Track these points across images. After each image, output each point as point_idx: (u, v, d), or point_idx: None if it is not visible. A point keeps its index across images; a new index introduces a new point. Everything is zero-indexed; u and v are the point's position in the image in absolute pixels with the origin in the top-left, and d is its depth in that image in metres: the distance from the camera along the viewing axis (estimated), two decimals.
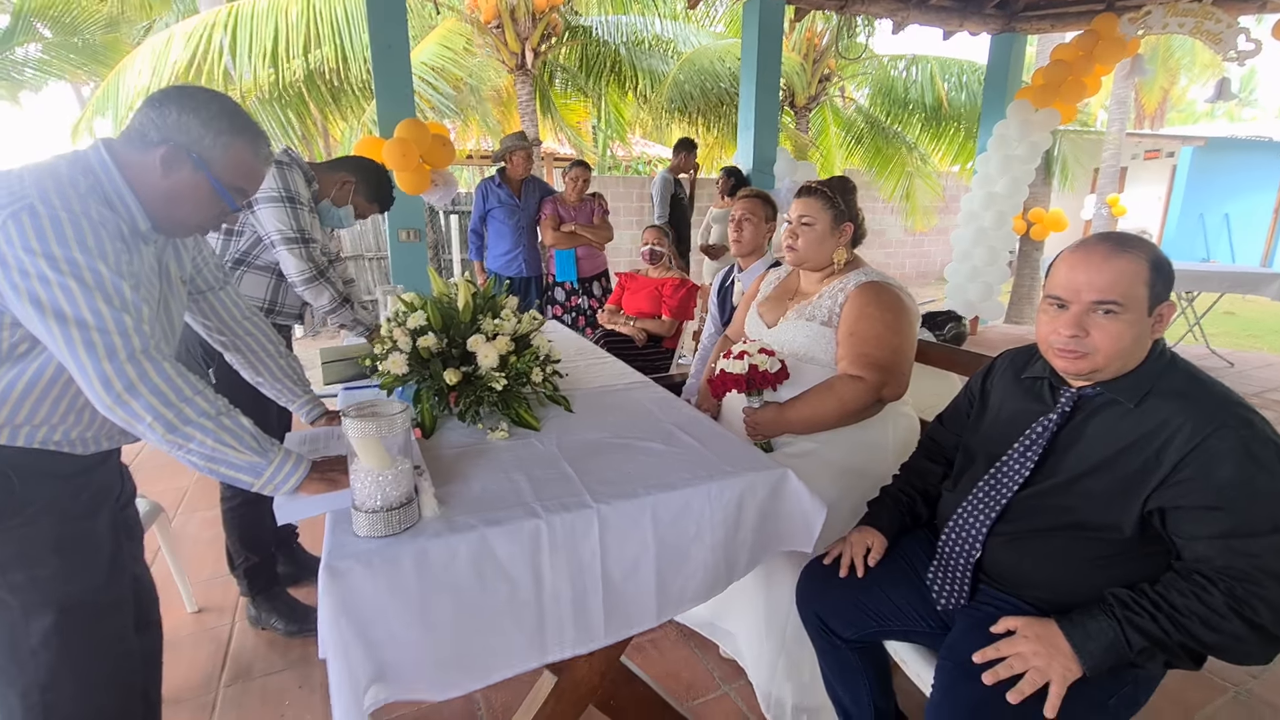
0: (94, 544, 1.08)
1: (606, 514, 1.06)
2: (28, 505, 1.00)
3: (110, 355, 0.89)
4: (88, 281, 0.88)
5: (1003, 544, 1.09)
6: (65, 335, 0.88)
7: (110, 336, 0.89)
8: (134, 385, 0.91)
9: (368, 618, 0.92)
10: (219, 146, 1.02)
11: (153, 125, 0.99)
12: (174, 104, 1.00)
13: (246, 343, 1.38)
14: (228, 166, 1.04)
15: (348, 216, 2.01)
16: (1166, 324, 1.01)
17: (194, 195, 1.03)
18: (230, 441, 0.97)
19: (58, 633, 1.02)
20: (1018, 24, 5.44)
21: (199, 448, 0.95)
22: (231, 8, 5.13)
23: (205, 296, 1.31)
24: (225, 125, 1.02)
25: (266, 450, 1.01)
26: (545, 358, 1.50)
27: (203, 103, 1.02)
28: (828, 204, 1.66)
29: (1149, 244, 1.01)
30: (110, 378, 0.90)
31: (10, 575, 0.99)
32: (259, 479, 1.00)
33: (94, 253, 0.89)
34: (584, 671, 1.22)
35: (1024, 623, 0.98)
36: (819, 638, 1.29)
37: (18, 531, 0.99)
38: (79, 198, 0.92)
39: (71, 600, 1.03)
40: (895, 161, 8.26)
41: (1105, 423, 1.02)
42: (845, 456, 1.58)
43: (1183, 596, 0.89)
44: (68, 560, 1.03)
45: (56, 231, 0.87)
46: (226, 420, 0.98)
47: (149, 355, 0.93)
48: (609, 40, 7.19)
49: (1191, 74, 14.34)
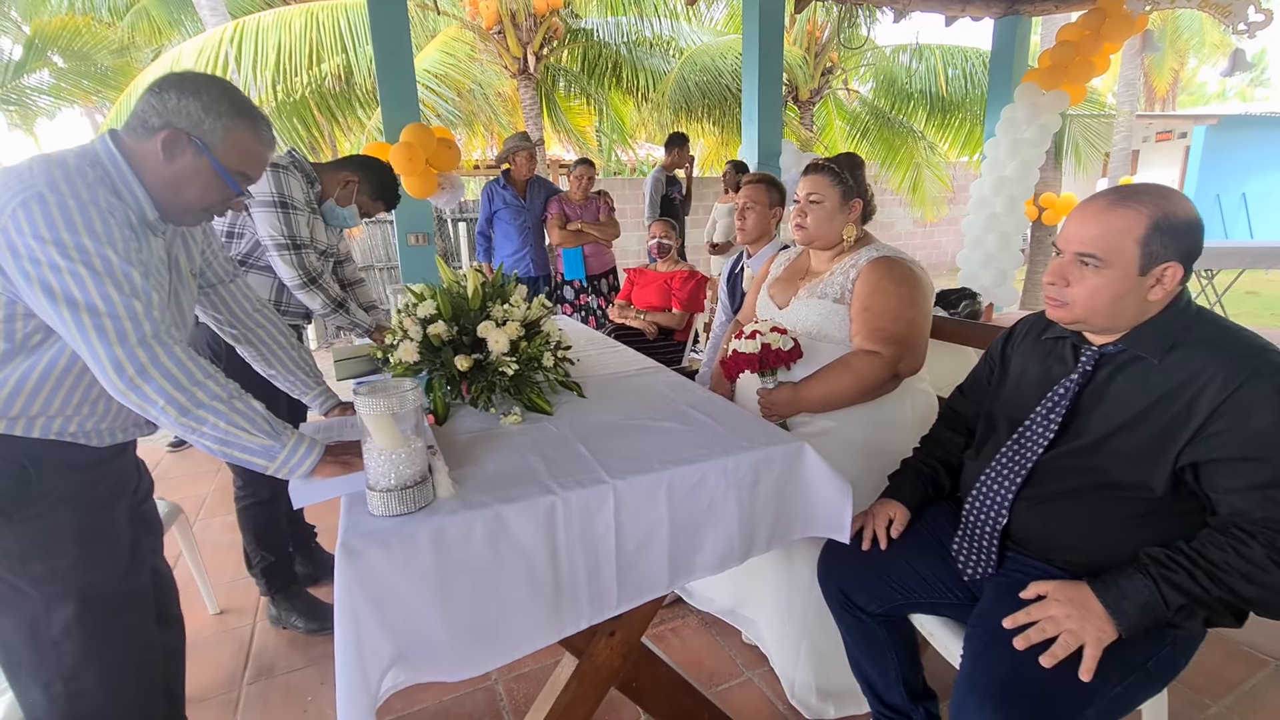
0: (113, 535, 1.08)
1: (622, 489, 1.05)
2: (45, 496, 1.00)
3: (121, 340, 0.90)
4: (97, 268, 0.89)
5: (1030, 508, 1.06)
6: (77, 321, 0.89)
7: (121, 322, 0.90)
8: (146, 369, 0.91)
9: (384, 597, 0.91)
10: (219, 130, 1.01)
11: (154, 111, 0.99)
12: (174, 89, 0.99)
13: (258, 335, 1.38)
14: (229, 150, 1.03)
15: (352, 216, 2.00)
16: (1170, 287, 0.95)
17: (197, 180, 1.03)
18: (243, 424, 0.97)
19: (80, 623, 1.02)
20: (1021, 6, 5.37)
21: (212, 430, 0.96)
22: (238, 23, 5.21)
23: (216, 289, 1.31)
24: (226, 108, 1.02)
25: (280, 434, 1.00)
26: (556, 343, 1.50)
27: (202, 86, 1.01)
28: (835, 180, 1.64)
29: (1162, 200, 0.94)
30: (122, 362, 0.90)
31: (31, 565, 0.99)
32: (273, 462, 1.00)
33: (103, 239, 0.90)
34: (605, 654, 1.20)
35: (1055, 586, 0.95)
36: (844, 613, 1.27)
37: (36, 522, 0.99)
38: (87, 186, 0.92)
39: (92, 590, 1.03)
40: (903, 153, 8.20)
41: (1130, 379, 0.99)
42: (864, 434, 1.56)
43: (1220, 551, 0.86)
44: (87, 550, 1.03)
45: (65, 219, 0.88)
46: (239, 404, 0.98)
47: (160, 340, 0.93)
48: (610, 42, 7.22)
49: (1201, 55, 14.12)
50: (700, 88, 7.16)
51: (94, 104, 9.98)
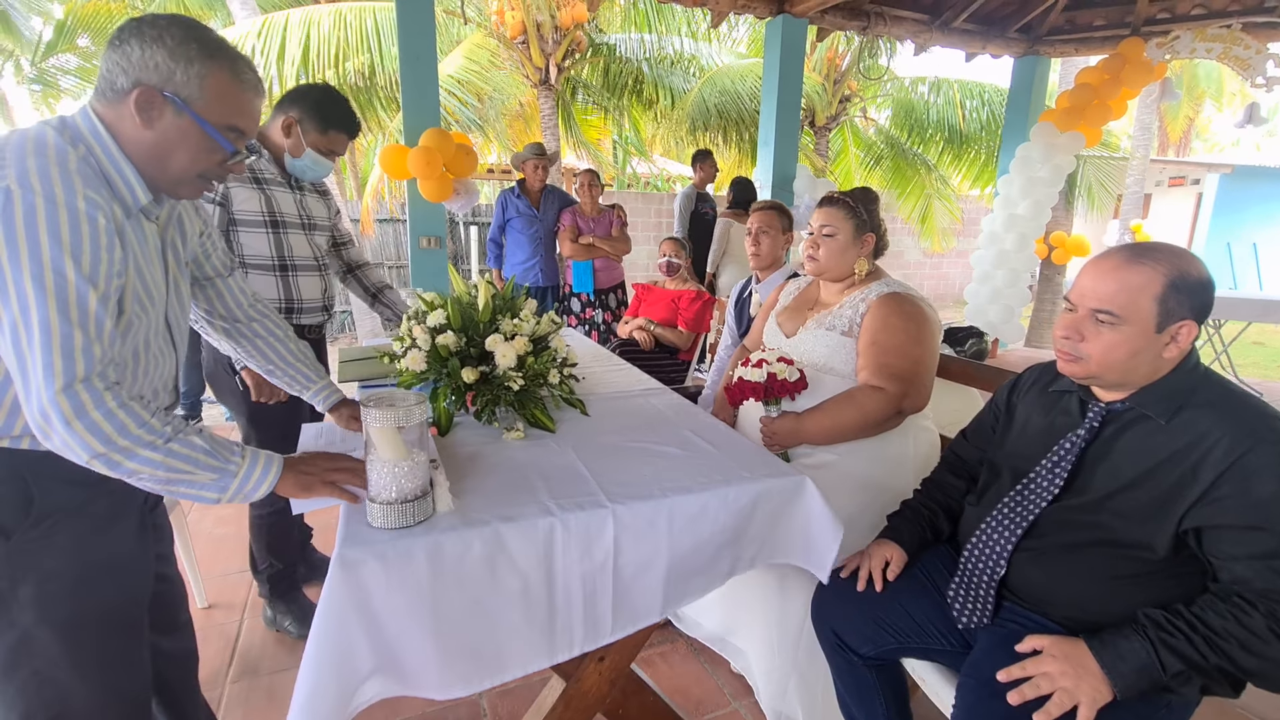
0: (112, 556, 1.01)
1: (622, 514, 1.05)
2: (46, 517, 0.93)
3: (48, 377, 0.78)
4: (48, 285, 0.78)
5: (1029, 560, 1.05)
6: (14, 340, 0.79)
7: (52, 355, 0.78)
8: (69, 420, 0.79)
9: (377, 610, 0.91)
10: (194, 79, 0.87)
11: (119, 69, 0.86)
12: (133, 38, 0.85)
13: (253, 329, 1.29)
14: (210, 102, 0.89)
15: (316, 163, 1.72)
16: (1184, 344, 0.96)
17: (183, 143, 0.90)
18: (182, 466, 0.87)
19: (65, 653, 0.95)
20: (1041, 47, 5.42)
21: (151, 480, 0.86)
22: (266, 19, 5.28)
23: (213, 283, 1.22)
24: (196, 51, 0.87)
25: (226, 464, 0.90)
26: (563, 360, 1.50)
27: (164, 29, 0.86)
28: (850, 214, 1.65)
29: (1176, 259, 0.95)
30: (45, 406, 0.79)
31: (20, 590, 0.92)
32: (225, 493, 0.91)
33: (66, 248, 0.79)
34: (593, 679, 1.19)
35: (1051, 641, 0.95)
36: (835, 654, 1.26)
37: (35, 545, 0.93)
38: (64, 178, 0.81)
39: (82, 618, 0.96)
40: (914, 183, 8.24)
41: (1136, 438, 0.99)
42: (865, 469, 1.56)
43: (1221, 618, 0.85)
44: (82, 576, 0.97)
45: (28, 220, 0.77)
46: (176, 444, 0.86)
47: (90, 384, 0.81)
48: (631, 58, 7.29)
49: (1219, 102, 14.21)
50: (718, 108, 7.22)
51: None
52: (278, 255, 1.74)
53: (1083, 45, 5.37)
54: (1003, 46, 5.36)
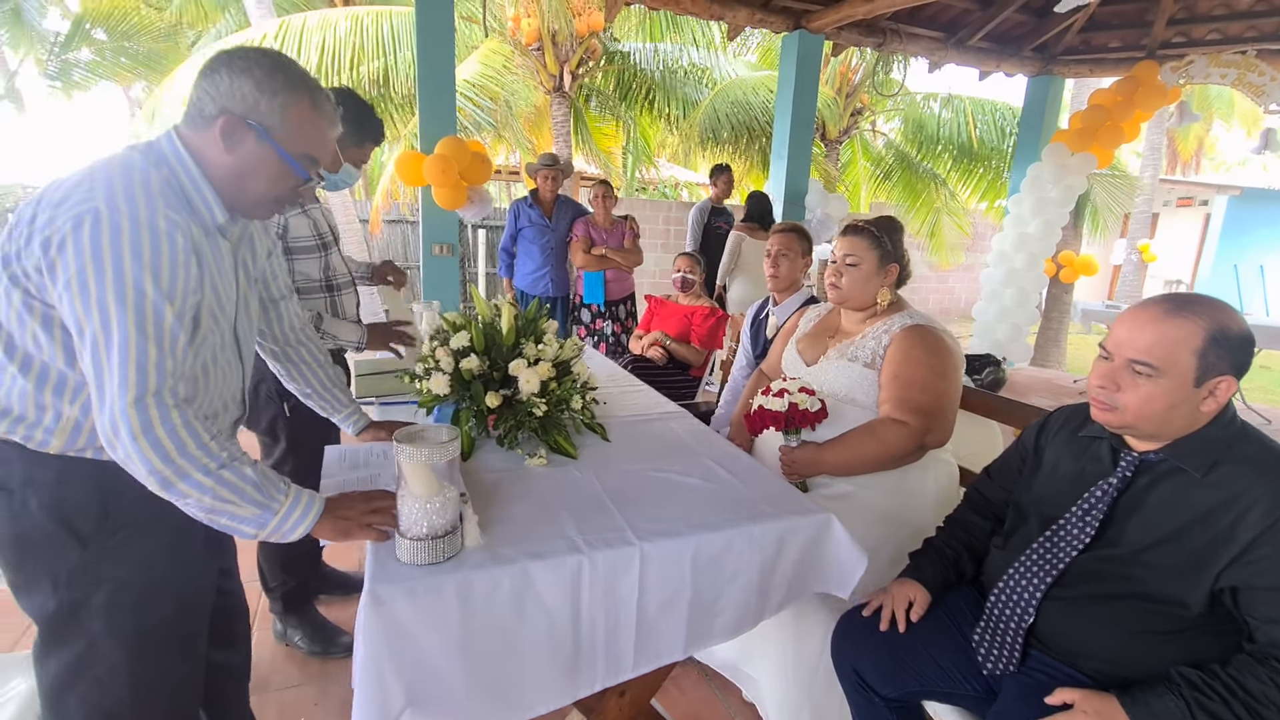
0: (179, 570, 1.04)
1: (649, 551, 1.05)
2: (122, 528, 0.96)
3: (123, 387, 0.82)
4: (128, 300, 0.82)
5: (1059, 609, 1.05)
6: (93, 352, 0.83)
7: (128, 369, 0.82)
8: (136, 435, 0.83)
9: (406, 646, 0.91)
10: (277, 110, 0.92)
11: (208, 96, 0.91)
12: (224, 68, 0.91)
13: (299, 353, 1.34)
14: (290, 131, 0.94)
15: (348, 174, 1.71)
16: (1222, 399, 0.96)
17: (263, 170, 0.95)
18: (228, 495, 0.88)
19: (126, 663, 0.98)
20: (1055, 67, 5.43)
21: (197, 505, 0.88)
22: (283, 22, 5.29)
23: (277, 305, 1.27)
24: (281, 84, 0.92)
25: (271, 500, 0.92)
26: (584, 384, 1.50)
27: (254, 61, 0.91)
28: (874, 244, 1.65)
29: (1216, 312, 0.94)
30: (116, 416, 0.83)
31: (94, 597, 0.95)
32: (263, 530, 0.92)
33: (147, 266, 0.83)
34: (614, 713, 1.19)
35: (1082, 695, 0.94)
36: (855, 693, 1.25)
37: (111, 554, 0.95)
38: (148, 199, 0.85)
39: (148, 630, 1.00)
40: (924, 197, 8.24)
41: (1170, 491, 0.99)
42: (884, 501, 1.55)
43: (1260, 683, 0.85)
44: (151, 588, 1.00)
45: (113, 240, 0.82)
46: (228, 473, 0.89)
47: (160, 399, 0.84)
48: (645, 67, 7.30)
49: (1230, 123, 14.20)
50: (730, 119, 7.23)
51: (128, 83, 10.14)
52: (324, 276, 1.76)
53: (1097, 66, 5.38)
54: (1017, 65, 5.37)
